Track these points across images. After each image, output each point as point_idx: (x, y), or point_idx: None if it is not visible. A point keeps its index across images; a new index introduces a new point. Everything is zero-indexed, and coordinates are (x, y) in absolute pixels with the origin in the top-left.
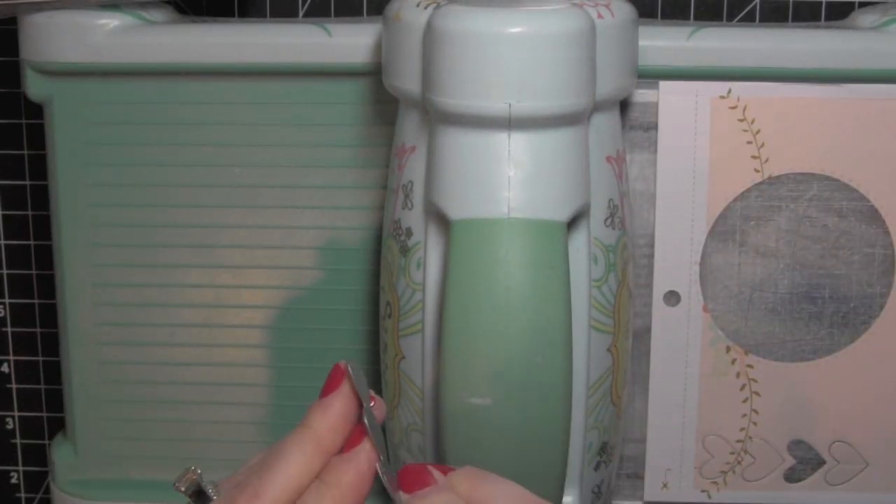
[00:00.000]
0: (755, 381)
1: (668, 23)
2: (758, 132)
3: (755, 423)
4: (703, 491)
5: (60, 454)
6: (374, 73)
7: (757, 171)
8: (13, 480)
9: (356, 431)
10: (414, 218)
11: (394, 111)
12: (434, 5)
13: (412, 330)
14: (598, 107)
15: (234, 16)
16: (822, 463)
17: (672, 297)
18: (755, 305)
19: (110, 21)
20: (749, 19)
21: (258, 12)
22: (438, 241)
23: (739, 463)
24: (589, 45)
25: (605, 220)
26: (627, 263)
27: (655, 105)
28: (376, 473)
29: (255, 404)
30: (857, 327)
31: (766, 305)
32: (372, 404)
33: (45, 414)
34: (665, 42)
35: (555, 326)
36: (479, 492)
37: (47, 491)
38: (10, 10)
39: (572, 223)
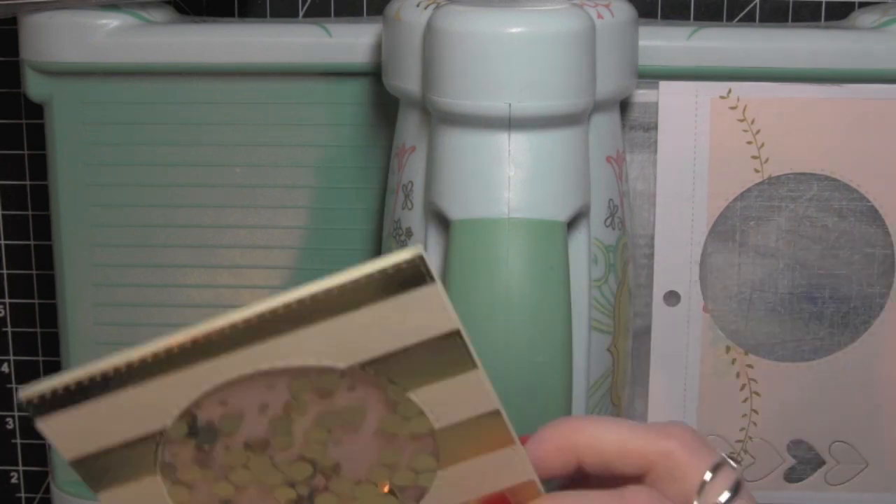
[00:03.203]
0: (755, 381)
1: (668, 23)
2: (758, 132)
3: (755, 423)
4: None
5: (60, 454)
6: (374, 73)
7: (757, 171)
8: (13, 480)
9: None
10: (414, 218)
11: (394, 111)
12: (434, 5)
13: None
14: (598, 107)
15: (234, 16)
16: (822, 463)
17: (672, 297)
18: (755, 305)
19: (110, 21)
20: (749, 19)
21: (258, 12)
22: (438, 241)
23: (739, 463)
24: (589, 45)
25: (605, 220)
26: (627, 263)
27: (655, 105)
28: None
29: None
30: (857, 327)
31: (766, 305)
32: None
33: None
34: (665, 42)
35: (555, 326)
36: None
37: (47, 491)
38: (10, 10)
39: (572, 223)
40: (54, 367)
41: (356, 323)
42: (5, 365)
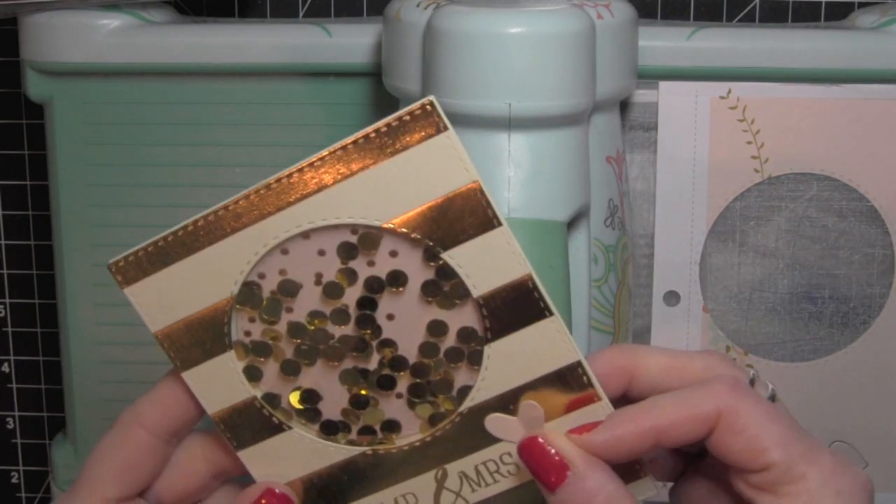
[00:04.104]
0: None
1: (668, 23)
2: (758, 132)
3: None
4: None
5: (60, 454)
6: (374, 73)
7: (757, 171)
8: (13, 480)
9: None
10: None
11: (393, 111)
12: (434, 5)
13: None
14: (598, 107)
15: (234, 16)
16: None
17: (672, 297)
18: (755, 305)
19: (110, 21)
20: (749, 19)
21: (258, 12)
22: None
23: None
24: (589, 45)
25: (605, 220)
26: (627, 263)
27: (655, 105)
28: None
29: None
30: (856, 327)
31: (766, 305)
32: None
33: (45, 414)
34: (665, 42)
35: None
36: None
37: (47, 491)
38: (10, 10)
39: (572, 223)
40: (54, 367)
41: (385, 177)
42: (5, 365)
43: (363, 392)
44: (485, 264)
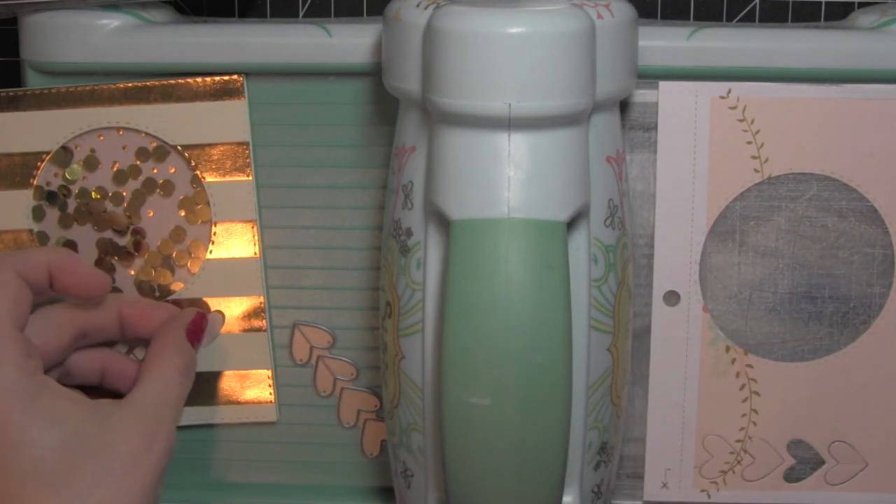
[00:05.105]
0: (755, 381)
1: (668, 23)
2: (758, 132)
3: (755, 423)
4: (702, 491)
5: None
6: (374, 73)
7: (757, 171)
8: None
9: None
10: (414, 218)
11: (394, 111)
12: (434, 5)
13: (412, 330)
14: (598, 107)
15: (234, 16)
16: (821, 463)
17: (672, 297)
18: (755, 305)
19: (110, 21)
20: (749, 19)
21: (258, 12)
22: (438, 241)
23: (739, 463)
24: (589, 45)
25: (605, 220)
26: (627, 263)
27: (655, 105)
28: None
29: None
30: (856, 327)
31: (766, 305)
32: None
33: None
34: (665, 42)
35: (555, 326)
36: None
37: None
38: (10, 10)
39: (572, 223)
40: None
41: (189, 113)
42: None
43: (107, 258)
44: (230, 198)
